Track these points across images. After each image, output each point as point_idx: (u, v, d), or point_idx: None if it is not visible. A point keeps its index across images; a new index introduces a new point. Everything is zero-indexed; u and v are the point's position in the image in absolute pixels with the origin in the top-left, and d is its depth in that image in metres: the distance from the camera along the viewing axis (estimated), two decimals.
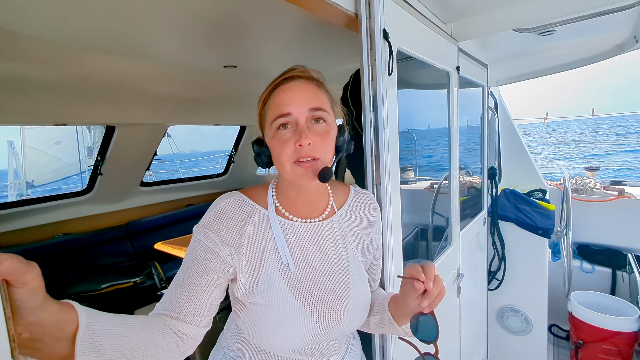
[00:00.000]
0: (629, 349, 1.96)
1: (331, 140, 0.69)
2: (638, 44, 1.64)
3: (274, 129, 0.66)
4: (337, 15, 0.83)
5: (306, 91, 0.67)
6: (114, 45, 1.28)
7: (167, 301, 0.64)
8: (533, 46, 1.83)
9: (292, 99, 0.65)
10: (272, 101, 0.68)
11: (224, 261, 0.66)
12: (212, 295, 0.65)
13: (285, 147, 0.65)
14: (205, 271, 0.65)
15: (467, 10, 1.30)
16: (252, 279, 0.68)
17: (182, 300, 0.63)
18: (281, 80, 0.68)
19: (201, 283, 0.64)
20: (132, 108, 2.33)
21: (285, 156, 0.65)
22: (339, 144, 0.72)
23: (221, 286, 0.67)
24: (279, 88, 0.67)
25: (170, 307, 0.62)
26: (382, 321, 0.77)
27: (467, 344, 1.80)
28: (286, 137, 0.65)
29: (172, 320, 0.61)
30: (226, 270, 0.67)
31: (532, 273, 2.10)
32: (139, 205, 3.31)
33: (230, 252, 0.66)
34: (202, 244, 0.66)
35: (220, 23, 1.12)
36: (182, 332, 0.61)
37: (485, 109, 2.15)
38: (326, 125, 0.68)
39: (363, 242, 0.80)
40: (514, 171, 2.57)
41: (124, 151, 2.72)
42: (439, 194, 1.79)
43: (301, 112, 0.65)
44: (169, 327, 0.60)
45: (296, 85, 0.67)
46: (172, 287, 0.65)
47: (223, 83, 2.11)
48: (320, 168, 0.66)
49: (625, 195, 2.41)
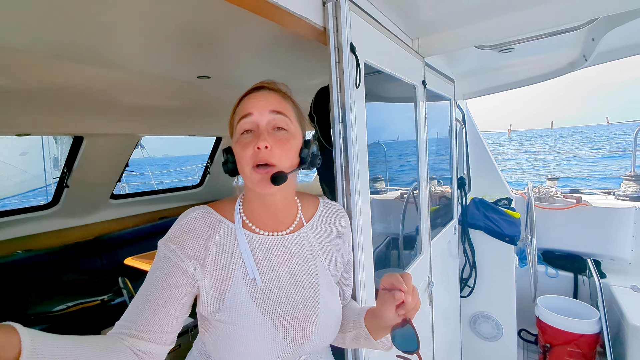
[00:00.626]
0: (592, 350, 2.05)
1: (291, 148, 0.69)
2: (587, 62, 1.78)
3: (238, 134, 0.68)
4: (307, 28, 0.85)
5: (270, 98, 0.69)
6: (82, 53, 1.25)
7: (127, 319, 0.61)
8: (495, 63, 1.95)
9: (256, 103, 0.68)
10: (238, 108, 0.70)
11: (189, 275, 0.64)
12: (176, 311, 0.63)
13: (245, 150, 0.65)
14: (168, 286, 0.63)
15: (432, 28, 1.37)
16: (217, 295, 0.66)
17: (144, 317, 0.60)
18: (249, 90, 0.72)
19: (164, 298, 0.62)
20: (101, 118, 2.27)
21: (245, 160, 0.66)
22: (303, 156, 0.71)
23: (186, 302, 0.65)
24: (246, 97, 0.70)
25: (130, 325, 0.60)
26: (358, 337, 0.76)
27: (441, 352, 1.82)
28: (247, 142, 0.66)
29: (132, 339, 0.58)
30: (191, 284, 0.65)
31: (501, 279, 2.17)
32: (110, 219, 3.20)
33: (195, 265, 0.65)
34: (166, 258, 0.65)
35: (193, 34, 1.13)
36: (143, 351, 0.59)
37: (453, 122, 2.24)
38: (287, 133, 0.68)
39: (332, 254, 0.79)
40: (481, 181, 2.69)
41: (92, 162, 2.63)
42: (410, 204, 1.84)
43: (262, 115, 0.67)
44: (127, 347, 0.57)
45: (261, 93, 0.70)
46: (133, 304, 0.63)
47: (197, 93, 2.09)
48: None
49: (582, 203, 2.56)
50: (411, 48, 1.37)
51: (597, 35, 1.48)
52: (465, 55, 1.84)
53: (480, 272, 2.22)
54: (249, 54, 1.41)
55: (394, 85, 1.40)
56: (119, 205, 3.22)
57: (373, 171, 1.34)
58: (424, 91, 1.50)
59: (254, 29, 1.12)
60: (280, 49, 1.35)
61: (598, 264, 2.44)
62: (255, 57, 1.43)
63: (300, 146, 0.72)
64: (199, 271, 0.65)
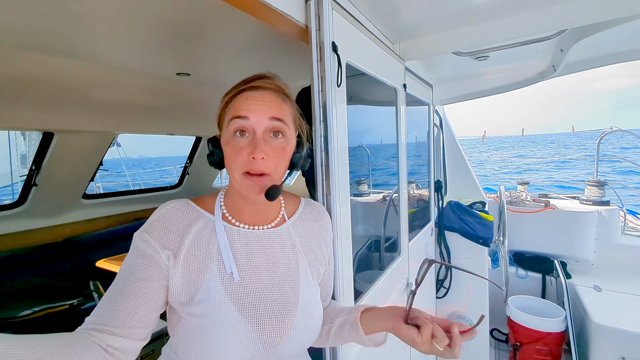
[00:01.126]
0: (558, 348, 2.14)
1: (286, 156, 0.68)
2: (556, 72, 1.89)
3: (231, 133, 0.64)
4: (289, 26, 0.86)
5: (270, 102, 0.66)
6: (55, 44, 1.20)
7: (97, 314, 0.59)
8: (471, 70, 2.03)
9: (255, 107, 0.64)
10: (233, 103, 0.66)
11: (161, 267, 0.62)
12: (149, 305, 0.61)
13: (238, 155, 0.63)
14: (141, 279, 0.61)
15: (412, 33, 1.41)
16: (189, 286, 0.63)
17: (115, 311, 0.58)
18: (249, 87, 0.67)
19: (137, 292, 0.60)
20: (74, 114, 2.18)
21: (236, 165, 0.64)
22: (294, 160, 0.71)
23: (160, 296, 0.63)
24: (244, 94, 0.66)
25: (99, 320, 0.57)
26: (343, 324, 0.73)
27: (417, 354, 1.85)
28: (241, 146, 0.63)
29: (102, 335, 0.56)
30: (163, 277, 0.63)
31: (475, 281, 2.24)
32: (81, 220, 3.05)
33: (168, 256, 0.63)
34: (140, 250, 0.63)
35: (173, 28, 1.10)
36: (113, 346, 0.56)
37: (431, 126, 2.30)
38: (284, 140, 0.67)
39: (314, 252, 0.77)
40: (457, 184, 2.77)
41: (63, 160, 2.51)
42: (391, 206, 1.87)
43: (260, 121, 0.64)
44: (95, 343, 0.54)
45: (261, 95, 0.66)
46: (103, 299, 0.60)
47: (176, 91, 2.05)
48: (269, 185, 0.65)
49: (550, 207, 2.69)
50: (392, 51, 1.41)
51: (566, 47, 1.57)
52: (444, 62, 1.91)
53: (456, 273, 2.28)
54: (231, 52, 1.39)
55: (375, 90, 1.43)
56: (91, 206, 3.10)
57: (357, 174, 1.36)
58: (404, 94, 1.53)
59: (236, 26, 1.11)
60: (263, 48, 1.34)
61: (564, 265, 2.56)
62: (237, 55, 1.42)
63: (294, 150, 0.71)
64: (172, 261, 0.63)
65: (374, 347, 0.73)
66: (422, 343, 0.59)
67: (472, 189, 2.76)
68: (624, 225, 2.68)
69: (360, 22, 1.10)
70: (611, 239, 2.52)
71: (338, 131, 0.96)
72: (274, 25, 0.84)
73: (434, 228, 2.27)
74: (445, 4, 1.17)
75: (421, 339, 0.59)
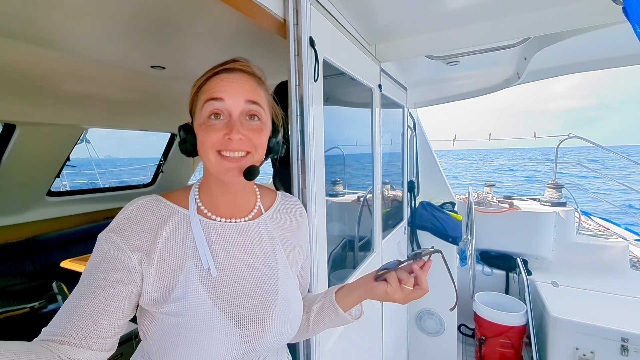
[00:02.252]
0: (520, 341, 2.26)
1: (265, 138, 0.67)
2: (520, 80, 2.01)
3: (205, 116, 0.62)
4: (267, 19, 0.86)
5: (245, 85, 0.64)
6: (18, 29, 1.13)
7: (55, 324, 0.53)
8: (443, 74, 2.12)
9: (230, 88, 0.62)
10: (207, 86, 0.63)
11: (131, 271, 0.58)
12: (115, 312, 0.56)
13: (211, 134, 0.60)
14: (106, 284, 0.56)
15: (387, 35, 1.46)
16: (164, 286, 0.59)
17: (75, 320, 0.53)
18: (222, 69, 0.65)
19: (100, 298, 0.55)
20: (39, 105, 2.07)
21: (210, 143, 0.61)
22: (270, 145, 0.70)
23: (127, 302, 0.58)
24: (218, 76, 0.64)
25: (57, 331, 0.52)
26: (322, 308, 0.75)
27: (389, 348, 1.90)
28: (216, 127, 0.61)
29: (60, 346, 0.51)
30: (134, 281, 0.58)
31: (445, 278, 2.31)
32: (46, 218, 2.88)
33: (140, 258, 0.58)
34: (105, 252, 0.58)
35: (149, 17, 1.08)
36: (73, 359, 0.52)
37: (405, 128, 2.37)
38: (260, 122, 0.65)
39: (291, 245, 0.77)
40: (429, 185, 2.86)
41: (26, 154, 2.37)
42: (365, 207, 1.91)
43: (236, 104, 0.62)
44: (55, 355, 0.50)
45: (236, 77, 0.64)
46: (63, 307, 0.55)
47: (150, 85, 2.00)
48: (247, 165, 0.63)
49: (514, 208, 2.85)
50: (369, 52, 1.45)
51: (529, 55, 1.68)
52: (418, 65, 1.98)
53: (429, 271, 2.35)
54: (208, 46, 1.37)
55: (351, 91, 1.46)
56: (56, 204, 2.93)
57: (332, 175, 1.38)
58: (379, 95, 1.58)
59: (214, 17, 1.10)
60: (241, 43, 1.34)
61: (526, 263, 2.72)
62: (214, 49, 1.40)
63: (269, 135, 0.70)
64: (145, 264, 0.59)
65: (354, 321, 0.76)
66: (393, 291, 0.66)
67: (443, 189, 2.87)
68: (578, 226, 2.88)
69: (338, 21, 1.13)
70: (567, 238, 2.70)
71: (314, 125, 0.97)
72: (253, 18, 0.84)
73: (406, 227, 2.34)
74: (418, 9, 1.22)
75: (391, 286, 0.66)
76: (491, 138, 5.42)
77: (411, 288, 0.66)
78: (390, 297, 0.67)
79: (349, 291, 0.74)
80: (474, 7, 1.20)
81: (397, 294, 0.66)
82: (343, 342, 1.20)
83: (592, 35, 1.45)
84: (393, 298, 0.66)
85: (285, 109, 0.94)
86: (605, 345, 1.85)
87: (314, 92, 0.96)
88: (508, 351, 2.26)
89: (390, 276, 0.67)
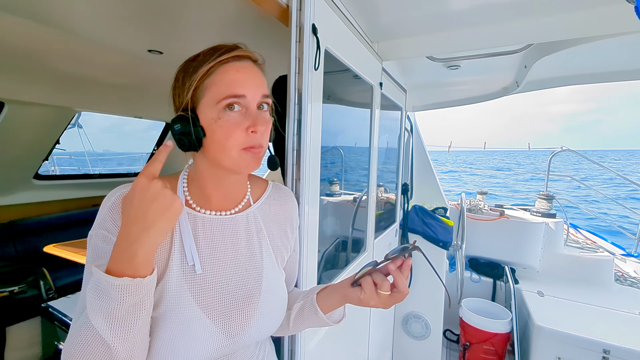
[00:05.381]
0: (504, 348, 2.27)
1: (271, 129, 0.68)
2: (518, 88, 2.02)
3: (219, 110, 0.58)
4: (270, 3, 0.84)
5: (258, 77, 0.63)
6: (14, 2, 1.10)
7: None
8: (443, 78, 2.12)
9: (248, 82, 0.60)
10: (218, 77, 0.59)
11: None
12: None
13: (234, 131, 0.59)
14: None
15: (390, 33, 1.45)
16: None
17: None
18: (232, 56, 0.61)
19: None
20: (30, 84, 2.01)
21: (234, 141, 0.59)
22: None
23: None
24: (230, 64, 0.60)
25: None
26: (302, 308, 0.74)
27: (374, 351, 1.89)
28: (236, 121, 0.59)
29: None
30: None
31: (433, 282, 2.32)
32: (31, 202, 2.81)
33: None
34: (99, 249, 0.56)
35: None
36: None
37: (402, 130, 2.37)
38: (268, 113, 0.65)
39: (280, 237, 0.76)
40: (422, 189, 2.87)
41: (13, 134, 2.31)
42: (361, 207, 1.89)
43: (255, 98, 0.61)
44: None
45: (248, 67, 0.62)
46: (79, 304, 0.54)
47: (147, 70, 1.95)
48: (262, 156, 0.64)
49: (504, 216, 2.87)
50: (372, 48, 1.43)
51: (529, 63, 1.68)
52: (419, 67, 1.98)
53: (415, 274, 2.35)
54: (209, 31, 1.34)
55: (352, 89, 1.45)
56: (44, 187, 2.86)
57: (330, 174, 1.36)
58: (380, 93, 1.57)
59: (215, 2, 1.08)
60: (242, 30, 1.31)
61: (513, 271, 2.74)
62: (214, 34, 1.37)
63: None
64: None
65: (334, 324, 0.74)
66: (367, 297, 0.62)
67: (436, 194, 2.88)
68: (566, 237, 2.91)
69: (342, 12, 1.11)
70: (555, 249, 2.73)
71: (312, 116, 0.95)
72: (255, 1, 0.82)
73: (398, 229, 2.33)
74: (423, 8, 1.22)
75: (364, 293, 0.62)
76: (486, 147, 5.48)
77: (388, 293, 0.61)
78: (366, 304, 0.63)
79: (331, 293, 0.72)
80: (479, 9, 1.20)
81: (372, 301, 0.62)
82: (329, 340, 1.18)
83: (593, 47, 1.46)
84: (369, 305, 0.62)
85: (284, 106, 0.92)
86: (587, 355, 1.87)
87: (314, 81, 0.94)
88: (491, 358, 2.26)
89: (364, 281, 0.63)
